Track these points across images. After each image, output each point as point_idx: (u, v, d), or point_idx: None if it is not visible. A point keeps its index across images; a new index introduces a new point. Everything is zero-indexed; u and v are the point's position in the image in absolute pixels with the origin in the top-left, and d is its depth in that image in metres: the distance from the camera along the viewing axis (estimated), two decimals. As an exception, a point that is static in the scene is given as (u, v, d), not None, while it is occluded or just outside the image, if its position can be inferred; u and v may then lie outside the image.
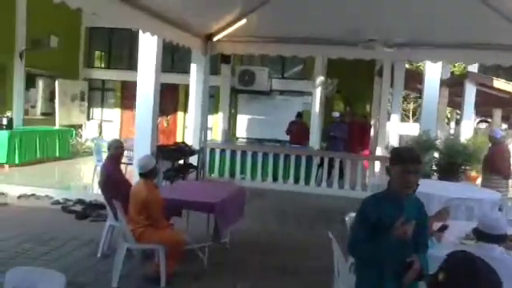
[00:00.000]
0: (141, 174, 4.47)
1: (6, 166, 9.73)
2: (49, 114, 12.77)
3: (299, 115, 11.47)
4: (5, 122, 9.99)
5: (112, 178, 4.98)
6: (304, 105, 13.63)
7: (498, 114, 16.64)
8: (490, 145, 8.33)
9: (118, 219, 4.61)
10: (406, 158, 2.50)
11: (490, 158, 7.93)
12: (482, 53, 7.59)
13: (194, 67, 9.48)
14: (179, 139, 13.06)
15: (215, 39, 8.43)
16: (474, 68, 12.42)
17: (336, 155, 9.73)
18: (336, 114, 11.33)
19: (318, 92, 13.40)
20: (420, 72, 14.49)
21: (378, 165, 10.31)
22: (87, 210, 6.84)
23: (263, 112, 13.80)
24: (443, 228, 3.83)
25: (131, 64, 13.46)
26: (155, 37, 6.68)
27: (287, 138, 11.32)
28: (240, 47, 8.71)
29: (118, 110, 14.86)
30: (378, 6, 6.23)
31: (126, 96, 14.30)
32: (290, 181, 9.46)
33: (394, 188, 2.55)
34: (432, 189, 5.39)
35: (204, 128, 9.35)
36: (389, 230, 2.42)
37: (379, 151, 13.72)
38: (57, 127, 12.08)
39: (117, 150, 5.18)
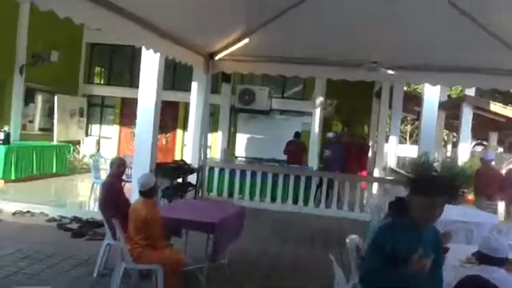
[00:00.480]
0: (141, 192, 4.42)
1: (2, 181, 9.63)
2: (47, 130, 12.74)
3: (297, 135, 11.47)
4: (2, 136, 9.91)
5: (112, 197, 4.92)
6: (303, 125, 13.67)
7: (494, 137, 16.76)
8: (479, 166, 8.41)
9: (116, 238, 4.55)
10: (431, 191, 2.28)
11: (478, 180, 7.99)
12: (479, 77, 7.65)
13: (194, 85, 9.51)
14: (178, 157, 13.03)
15: (217, 58, 8.48)
16: (470, 91, 12.52)
17: (335, 176, 9.71)
18: (330, 135, 11.32)
19: (318, 112, 13.45)
20: (417, 94, 14.60)
21: (375, 186, 10.29)
22: (83, 228, 6.75)
23: (263, 131, 13.83)
24: (445, 251, 3.81)
25: (132, 81, 13.55)
26: (158, 54, 6.71)
27: (286, 157, 11.32)
28: (241, 66, 8.75)
29: (116, 127, 14.85)
30: (379, 29, 6.30)
31: (126, 113, 14.32)
32: (289, 201, 9.41)
33: (413, 218, 2.35)
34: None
35: (204, 146, 9.33)
36: (405, 261, 2.25)
37: (377, 172, 13.73)
38: (55, 143, 12.03)
39: (118, 168, 5.13)
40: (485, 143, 19.32)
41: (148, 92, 7.06)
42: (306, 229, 8.07)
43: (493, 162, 8.86)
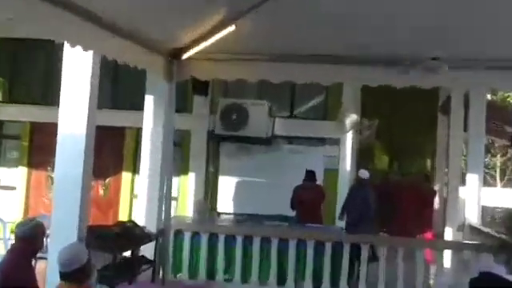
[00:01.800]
0: (62, 275, 4.44)
1: None
2: None
3: (310, 176, 11.59)
4: None
5: (15, 283, 4.93)
6: (327, 159, 13.72)
7: None
8: None
9: None
10: None
11: None
12: None
13: (150, 100, 9.61)
14: (124, 216, 13.02)
15: (185, 57, 8.62)
16: None
17: (378, 240, 9.73)
18: (365, 174, 11.35)
19: (349, 139, 13.55)
20: (509, 105, 14.80)
21: (448, 256, 10.27)
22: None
23: (261, 172, 13.83)
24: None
25: (47, 96, 13.65)
26: (90, 52, 6.82)
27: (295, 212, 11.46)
28: (224, 69, 8.88)
29: (23, 169, 14.84)
30: (441, 8, 6.45)
31: (38, 146, 14.33)
32: (307, 283, 9.40)
33: None
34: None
35: (166, 198, 9.34)
36: None
37: (450, 233, 13.71)
38: None
39: (26, 238, 5.15)
40: None
41: (74, 113, 7.13)
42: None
43: None
